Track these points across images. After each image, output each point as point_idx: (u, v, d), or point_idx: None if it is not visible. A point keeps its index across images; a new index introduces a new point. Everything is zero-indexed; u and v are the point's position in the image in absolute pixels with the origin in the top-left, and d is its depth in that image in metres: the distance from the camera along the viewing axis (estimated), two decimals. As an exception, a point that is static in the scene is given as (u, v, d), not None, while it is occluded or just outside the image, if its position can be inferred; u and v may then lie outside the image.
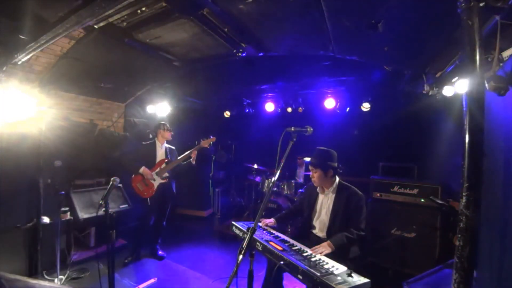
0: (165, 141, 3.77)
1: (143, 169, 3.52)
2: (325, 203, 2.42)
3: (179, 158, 3.69)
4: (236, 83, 4.72)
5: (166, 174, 3.67)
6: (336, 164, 2.36)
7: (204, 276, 3.25)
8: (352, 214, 2.24)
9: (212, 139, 3.78)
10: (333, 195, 2.37)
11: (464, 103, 1.01)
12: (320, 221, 2.42)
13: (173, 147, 3.88)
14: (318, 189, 2.48)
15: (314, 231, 2.47)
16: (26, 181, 2.94)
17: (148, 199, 3.57)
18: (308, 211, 2.53)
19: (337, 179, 2.43)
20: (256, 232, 2.17)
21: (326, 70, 3.69)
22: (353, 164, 4.38)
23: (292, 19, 2.20)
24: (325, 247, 2.02)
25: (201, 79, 4.35)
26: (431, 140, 3.94)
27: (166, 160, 3.68)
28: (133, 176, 3.56)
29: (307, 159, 2.49)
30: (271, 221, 2.54)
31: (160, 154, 3.70)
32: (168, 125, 3.76)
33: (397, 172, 3.83)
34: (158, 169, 3.62)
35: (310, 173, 2.46)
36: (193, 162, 3.71)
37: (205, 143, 3.74)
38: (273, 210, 4.45)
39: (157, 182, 3.59)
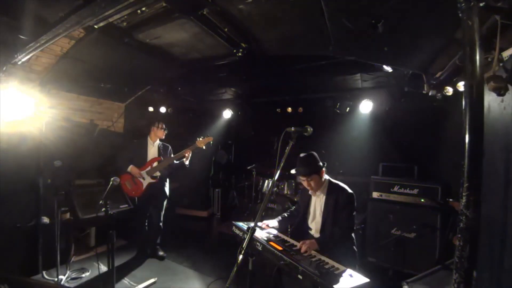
0: (157, 139, 3.62)
1: (130, 168, 3.40)
2: (318, 204, 2.43)
3: (171, 157, 3.50)
4: (236, 83, 4.72)
5: (157, 174, 3.50)
6: (322, 162, 2.36)
7: (204, 276, 3.25)
8: (342, 211, 2.24)
9: (209, 138, 3.50)
10: (324, 196, 2.37)
11: (464, 103, 1.01)
12: (316, 222, 2.44)
13: (167, 145, 3.69)
14: (309, 191, 2.44)
15: (311, 232, 2.48)
16: (26, 181, 2.95)
17: (136, 199, 3.47)
18: (303, 213, 2.54)
19: (327, 178, 2.41)
20: (256, 232, 2.17)
21: (326, 70, 3.68)
22: (353, 164, 4.39)
23: (291, 19, 2.20)
24: (310, 245, 2.01)
25: (201, 79, 4.35)
26: (431, 140, 3.94)
27: (158, 159, 3.50)
28: (121, 174, 3.42)
29: (293, 171, 2.43)
30: (274, 224, 2.52)
31: (152, 152, 3.56)
32: (162, 123, 3.60)
33: (397, 172, 3.83)
34: (148, 168, 3.45)
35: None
36: (187, 163, 3.47)
37: (201, 143, 3.46)
38: (273, 210, 4.45)
39: (146, 181, 3.44)
